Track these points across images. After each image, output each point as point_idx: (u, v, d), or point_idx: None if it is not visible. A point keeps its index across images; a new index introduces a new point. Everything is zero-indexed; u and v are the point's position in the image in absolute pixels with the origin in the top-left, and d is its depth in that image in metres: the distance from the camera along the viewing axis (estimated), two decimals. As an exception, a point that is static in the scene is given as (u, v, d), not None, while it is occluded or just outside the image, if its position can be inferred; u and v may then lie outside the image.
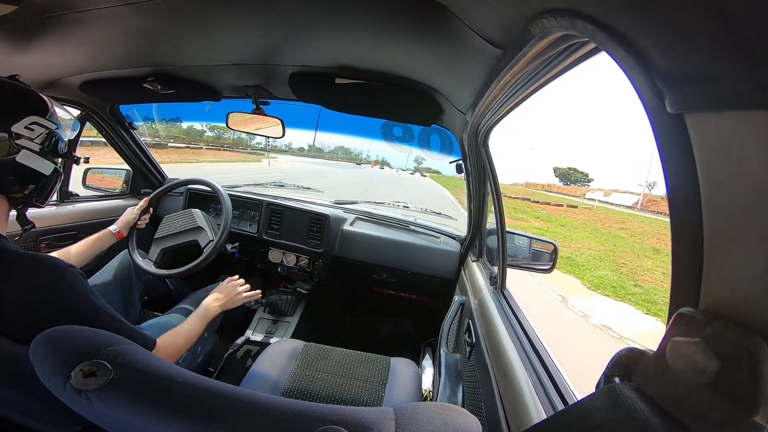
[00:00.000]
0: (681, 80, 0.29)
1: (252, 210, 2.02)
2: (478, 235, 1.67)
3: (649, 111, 0.34)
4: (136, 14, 0.82)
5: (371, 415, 0.43)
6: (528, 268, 1.56)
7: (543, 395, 0.69)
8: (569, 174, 59.76)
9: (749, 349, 0.24)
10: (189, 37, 0.99)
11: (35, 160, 0.81)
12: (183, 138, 19.63)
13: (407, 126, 1.70)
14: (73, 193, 1.77)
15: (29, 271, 0.72)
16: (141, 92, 1.37)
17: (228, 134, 19.48)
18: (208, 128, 19.20)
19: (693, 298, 0.31)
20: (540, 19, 0.47)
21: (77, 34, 0.95)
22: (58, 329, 0.51)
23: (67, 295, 0.73)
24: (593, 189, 46.19)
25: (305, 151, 31.25)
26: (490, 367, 0.89)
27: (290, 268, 2.01)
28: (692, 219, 0.31)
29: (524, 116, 67.72)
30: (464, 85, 0.98)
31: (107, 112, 1.75)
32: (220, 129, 15.25)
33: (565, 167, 63.23)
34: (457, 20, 0.66)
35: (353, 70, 1.09)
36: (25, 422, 0.64)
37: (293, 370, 1.25)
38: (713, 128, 0.28)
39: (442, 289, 1.87)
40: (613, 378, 0.35)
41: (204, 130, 21.78)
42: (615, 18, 0.35)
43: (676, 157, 0.32)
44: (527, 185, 51.67)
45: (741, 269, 0.27)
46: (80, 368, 0.45)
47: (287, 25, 0.87)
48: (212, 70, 1.25)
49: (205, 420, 0.43)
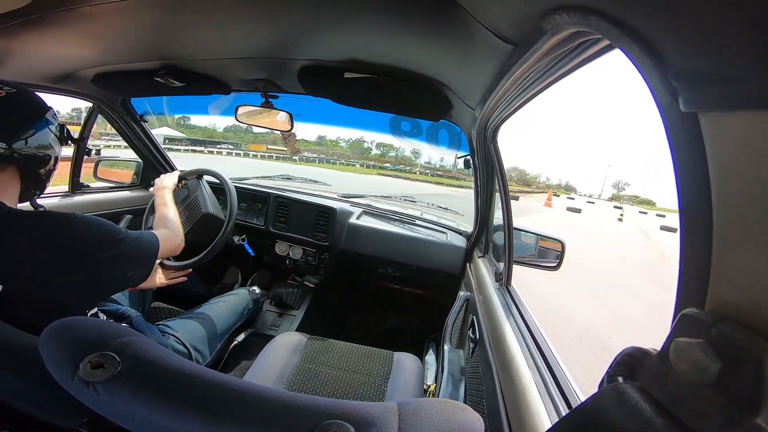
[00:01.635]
0: (696, 79, 0.29)
1: (259, 202, 2.03)
2: (484, 231, 1.67)
3: (662, 109, 0.34)
4: (148, 8, 0.83)
5: (375, 410, 0.44)
6: (534, 265, 1.55)
7: (545, 393, 0.69)
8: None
9: (753, 351, 0.24)
10: (200, 31, 0.99)
11: (57, 146, 0.89)
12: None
13: (415, 121, 1.70)
14: (84, 184, 1.80)
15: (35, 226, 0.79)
16: (152, 85, 1.39)
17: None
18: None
19: (699, 299, 0.31)
20: (553, 16, 0.46)
21: (90, 28, 0.96)
22: (67, 320, 0.52)
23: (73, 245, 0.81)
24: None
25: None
26: (493, 363, 0.89)
27: (296, 261, 2.02)
28: (702, 219, 0.30)
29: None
30: (474, 81, 0.97)
31: (119, 104, 1.77)
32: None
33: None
34: (468, 15, 0.66)
35: (362, 65, 1.09)
36: (33, 412, 0.65)
37: (297, 363, 1.27)
38: (728, 128, 0.28)
39: (447, 285, 1.87)
40: (616, 377, 0.35)
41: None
42: (630, 15, 0.34)
43: (688, 157, 0.32)
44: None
45: (749, 272, 0.27)
46: (88, 360, 0.45)
47: (298, 19, 0.86)
48: (222, 63, 1.25)
49: (211, 412, 0.44)
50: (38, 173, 0.87)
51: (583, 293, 5.45)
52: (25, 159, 0.82)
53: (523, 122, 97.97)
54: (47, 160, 0.87)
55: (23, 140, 0.80)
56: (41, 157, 0.85)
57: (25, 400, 0.65)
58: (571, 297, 5.07)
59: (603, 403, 0.33)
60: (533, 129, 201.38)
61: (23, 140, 0.80)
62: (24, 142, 0.80)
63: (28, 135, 0.80)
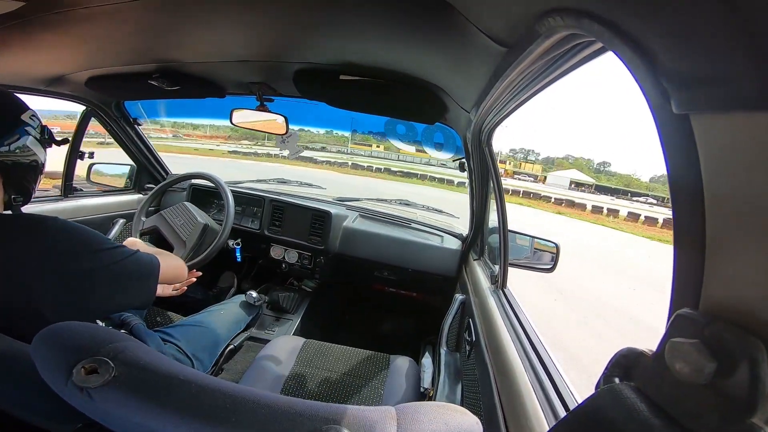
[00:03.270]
0: (688, 81, 0.29)
1: (254, 206, 2.02)
2: (480, 234, 1.67)
3: (654, 111, 0.34)
4: (143, 11, 0.83)
5: (373, 415, 0.44)
6: (529, 268, 1.55)
7: (542, 395, 0.69)
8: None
9: (747, 351, 0.24)
10: (195, 34, 0.99)
11: (39, 149, 0.81)
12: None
13: (410, 124, 1.70)
14: (77, 188, 1.78)
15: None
16: (146, 88, 1.38)
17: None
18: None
19: (693, 300, 0.31)
20: (546, 18, 0.47)
21: (84, 31, 0.95)
22: (59, 326, 0.51)
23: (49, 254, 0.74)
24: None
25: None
26: (490, 366, 0.89)
27: (292, 264, 2.02)
28: (695, 220, 0.31)
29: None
30: (468, 84, 0.98)
31: (112, 108, 1.76)
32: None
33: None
34: (463, 18, 0.66)
35: (358, 67, 1.09)
36: (26, 418, 0.64)
37: (293, 366, 1.26)
38: (719, 129, 0.28)
39: (443, 287, 1.87)
40: (612, 378, 0.35)
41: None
42: (623, 18, 0.35)
43: (681, 158, 0.32)
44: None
45: (742, 272, 0.27)
46: (82, 365, 0.45)
47: (294, 22, 0.87)
48: (217, 66, 1.25)
49: (207, 418, 0.43)
50: (19, 180, 0.80)
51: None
52: (1, 165, 0.75)
53: (518, 121, 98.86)
54: (28, 165, 0.80)
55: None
56: (21, 162, 0.78)
57: (18, 405, 0.64)
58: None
59: (600, 405, 0.33)
60: (528, 127, 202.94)
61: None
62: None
63: (2, 139, 0.74)
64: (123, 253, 0.84)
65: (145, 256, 0.91)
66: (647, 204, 37.88)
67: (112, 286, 0.82)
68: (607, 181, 69.27)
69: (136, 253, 0.88)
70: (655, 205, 36.68)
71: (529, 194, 27.48)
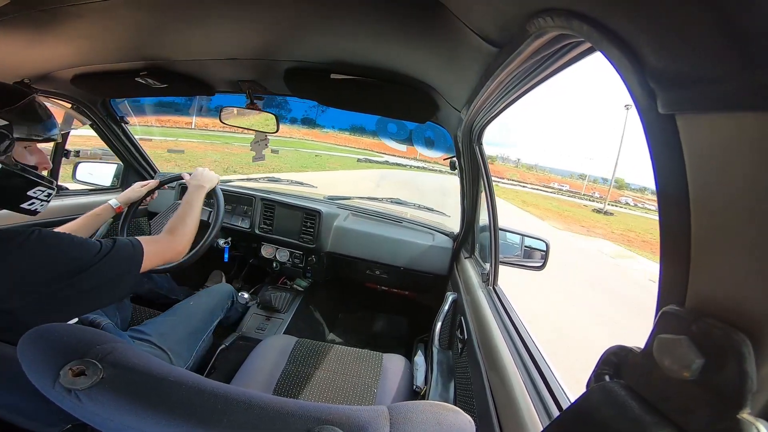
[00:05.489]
0: (673, 81, 0.29)
1: (245, 205, 2.00)
2: (471, 232, 1.68)
3: (641, 111, 0.34)
4: (131, 8, 0.81)
5: (366, 415, 0.44)
6: (519, 266, 1.57)
7: (533, 391, 0.70)
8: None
9: (734, 346, 0.25)
10: (183, 31, 0.97)
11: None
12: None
13: (402, 122, 1.70)
14: (63, 187, 1.74)
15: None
16: (133, 86, 1.35)
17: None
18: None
19: (680, 297, 0.31)
20: (537, 19, 0.47)
21: (70, 28, 0.93)
22: (46, 327, 0.50)
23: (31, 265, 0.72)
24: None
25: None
26: (482, 363, 0.90)
27: (283, 263, 2.00)
28: (680, 219, 0.31)
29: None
30: (460, 83, 0.98)
31: (99, 106, 1.72)
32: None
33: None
34: (454, 18, 0.66)
35: (349, 66, 1.09)
36: (14, 420, 0.63)
37: (285, 366, 1.25)
38: (704, 129, 0.28)
39: (434, 286, 1.88)
40: (603, 376, 0.35)
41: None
42: (611, 18, 0.35)
43: (666, 157, 0.32)
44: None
45: (727, 269, 0.28)
46: (69, 367, 0.44)
47: (284, 20, 0.86)
48: (206, 64, 1.23)
49: (198, 420, 0.43)
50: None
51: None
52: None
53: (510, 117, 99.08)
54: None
55: None
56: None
57: (6, 407, 0.63)
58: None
59: (592, 403, 0.34)
60: (519, 123, 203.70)
61: None
62: None
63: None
64: (104, 253, 0.82)
65: (126, 248, 0.88)
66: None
67: (97, 292, 0.81)
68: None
69: (115, 249, 0.84)
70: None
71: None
